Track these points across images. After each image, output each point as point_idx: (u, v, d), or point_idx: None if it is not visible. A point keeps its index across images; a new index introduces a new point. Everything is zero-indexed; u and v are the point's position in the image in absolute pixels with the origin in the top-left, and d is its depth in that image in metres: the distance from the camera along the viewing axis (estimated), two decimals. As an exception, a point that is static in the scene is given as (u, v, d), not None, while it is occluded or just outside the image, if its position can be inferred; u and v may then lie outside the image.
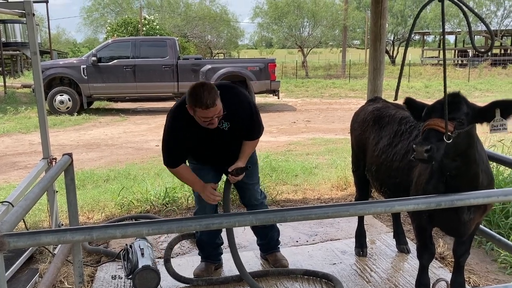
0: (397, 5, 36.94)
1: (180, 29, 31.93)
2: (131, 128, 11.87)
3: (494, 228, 4.01)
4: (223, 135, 3.10)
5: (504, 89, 20.04)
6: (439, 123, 2.30)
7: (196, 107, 2.79)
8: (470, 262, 3.61)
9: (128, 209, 5.00)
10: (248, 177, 3.41)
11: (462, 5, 2.33)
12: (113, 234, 1.98)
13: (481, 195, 2.28)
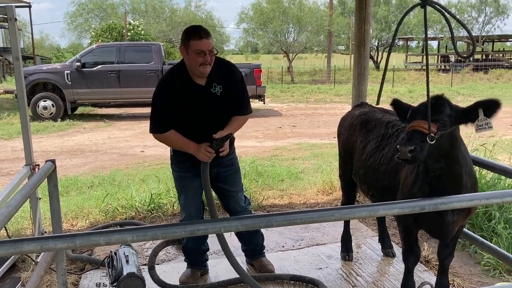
0: (381, 11, 37.39)
1: (166, 34, 31.86)
2: (115, 133, 11.77)
3: (477, 231, 4.07)
4: (215, 99, 3.08)
5: (486, 94, 20.37)
6: (422, 125, 2.34)
7: (191, 40, 2.86)
8: (454, 265, 3.65)
9: (113, 216, 4.95)
10: (231, 185, 3.42)
11: (444, 12, 2.37)
12: (97, 241, 1.95)
13: (464, 199, 2.30)
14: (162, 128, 3.07)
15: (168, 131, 3.06)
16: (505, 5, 34.99)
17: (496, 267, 3.61)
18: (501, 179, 4.47)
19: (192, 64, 2.96)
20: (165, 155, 8.87)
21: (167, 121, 3.05)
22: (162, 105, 3.05)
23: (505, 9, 35.09)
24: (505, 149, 7.48)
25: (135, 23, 28.61)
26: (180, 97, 3.02)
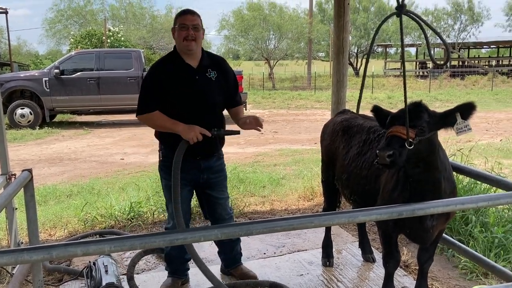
0: (360, 18, 37.91)
1: (146, 41, 31.67)
2: (95, 141, 11.63)
3: (454, 235, 4.14)
4: (211, 84, 3.12)
5: (463, 99, 20.64)
6: (401, 130, 2.38)
7: (177, 18, 3.02)
8: (433, 269, 3.70)
9: (92, 225, 4.88)
10: (219, 192, 3.40)
11: (419, 20, 2.42)
12: (74, 252, 1.92)
13: (441, 204, 2.34)
14: (148, 107, 3.02)
15: (154, 110, 3.02)
16: (479, 13, 35.88)
17: (473, 270, 3.68)
18: (477, 183, 4.56)
19: (178, 41, 3.03)
20: (145, 162, 8.84)
21: (153, 100, 3.02)
22: (150, 85, 3.05)
23: (480, 17, 35.99)
24: (481, 153, 7.63)
25: (115, 29, 28.39)
26: (172, 77, 3.03)
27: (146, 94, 3.05)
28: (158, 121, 3.06)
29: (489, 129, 12.49)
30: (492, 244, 3.90)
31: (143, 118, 3.08)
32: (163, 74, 3.04)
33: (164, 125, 3.05)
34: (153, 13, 36.62)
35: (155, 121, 3.07)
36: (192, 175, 3.23)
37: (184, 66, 3.07)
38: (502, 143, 9.85)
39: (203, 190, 3.36)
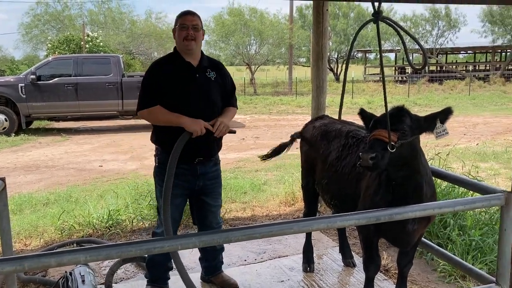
0: (340, 24, 38.33)
1: (125, 46, 31.37)
2: (73, 148, 11.44)
3: (433, 238, 4.18)
4: (211, 84, 3.15)
5: (441, 104, 21.13)
6: (383, 134, 2.42)
7: (178, 19, 3.07)
8: (412, 273, 3.72)
9: (69, 234, 4.78)
10: (213, 199, 3.36)
11: (396, 26, 2.45)
12: (47, 263, 1.88)
13: (418, 208, 2.36)
14: (150, 102, 3.01)
15: (155, 105, 3.00)
16: (456, 19, 36.65)
17: (452, 273, 3.72)
18: (455, 187, 4.62)
19: (178, 41, 3.08)
20: (124, 169, 8.73)
21: (154, 95, 3.01)
22: (151, 81, 3.05)
23: (456, 23, 36.75)
24: (459, 157, 7.75)
25: (94, 34, 28.05)
26: (173, 74, 3.05)
27: (147, 90, 3.05)
28: (160, 115, 3.02)
29: (467, 133, 12.71)
30: (469, 247, 3.95)
31: (144, 113, 3.05)
32: (163, 71, 3.06)
33: (167, 119, 3.01)
34: (133, 18, 36.36)
35: (157, 115, 3.03)
36: (188, 182, 3.19)
37: (185, 64, 3.10)
38: (478, 147, 10.03)
39: (198, 197, 3.31)
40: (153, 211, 5.09)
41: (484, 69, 39.63)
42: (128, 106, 13.85)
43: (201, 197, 3.31)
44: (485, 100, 22.74)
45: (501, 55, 41.38)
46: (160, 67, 3.11)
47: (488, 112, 18.08)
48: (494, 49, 37.40)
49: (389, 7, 38.83)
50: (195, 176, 3.20)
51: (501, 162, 8.23)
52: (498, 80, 30.62)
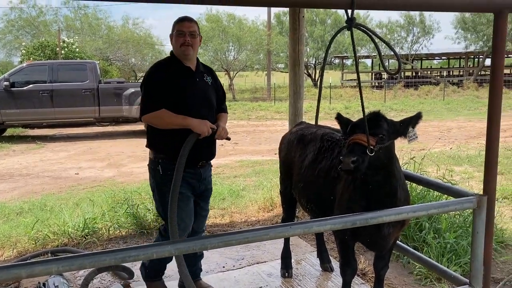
0: (317, 31, 38.72)
1: (102, 52, 30.97)
2: (48, 156, 11.22)
3: (409, 241, 4.23)
4: (209, 88, 3.24)
5: (417, 109, 21.45)
6: (362, 138, 2.46)
7: (175, 24, 3.09)
8: (389, 276, 3.76)
9: (44, 244, 4.67)
10: (206, 204, 3.45)
11: (369, 32, 2.48)
12: (18, 274, 1.83)
13: (393, 212, 2.40)
14: (155, 105, 2.99)
15: (161, 108, 3.00)
16: (430, 26, 37.42)
17: (427, 276, 3.77)
18: (430, 191, 4.70)
19: (175, 47, 3.12)
20: (101, 177, 8.61)
21: (159, 99, 3.01)
22: (153, 86, 3.04)
23: (431, 30, 37.53)
24: (434, 161, 7.89)
25: (70, 40, 27.62)
26: (174, 78, 3.07)
27: (150, 94, 3.04)
28: (166, 118, 3.01)
29: (441, 137, 12.96)
30: (444, 250, 4.02)
31: (150, 117, 3.03)
32: (165, 76, 3.07)
33: (174, 121, 3.01)
34: (109, 24, 35.99)
35: (163, 118, 3.02)
36: (193, 186, 3.24)
37: (184, 68, 3.15)
38: (452, 151, 10.23)
39: (196, 201, 3.32)
40: (130, 219, 5.02)
41: (458, 74, 40.51)
42: (104, 113, 13.69)
43: (198, 201, 3.34)
44: (459, 105, 23.25)
45: (474, 60, 42.40)
46: (160, 72, 3.11)
47: (462, 117, 18.48)
48: (467, 55, 38.31)
49: (365, 14, 39.47)
50: (199, 180, 3.26)
51: (475, 165, 8.41)
52: (472, 85, 31.35)
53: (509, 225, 5.01)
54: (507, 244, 4.52)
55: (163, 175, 3.14)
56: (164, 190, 3.12)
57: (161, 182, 3.17)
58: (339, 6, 2.16)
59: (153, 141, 3.20)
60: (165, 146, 3.12)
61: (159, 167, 3.15)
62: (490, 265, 2.76)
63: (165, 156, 3.14)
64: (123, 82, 15.37)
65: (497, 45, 2.51)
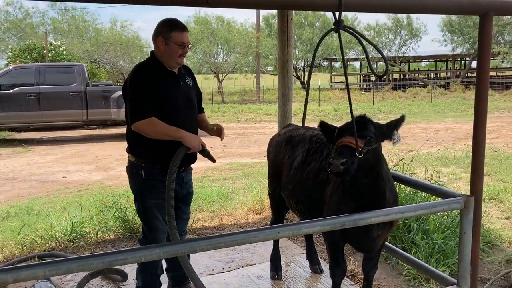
0: (306, 33, 38.85)
1: (90, 54, 30.74)
2: (35, 159, 11.10)
3: (398, 242, 4.26)
4: (190, 90, 3.22)
5: (404, 111, 21.68)
6: (350, 140, 2.48)
7: (173, 31, 2.96)
8: (378, 277, 3.78)
9: (31, 248, 4.62)
10: (187, 207, 3.47)
11: (357, 34, 2.50)
12: (3, 279, 1.81)
13: (381, 213, 2.41)
14: (146, 113, 2.91)
15: (152, 116, 2.92)
16: (417, 29, 37.75)
17: (416, 277, 3.79)
18: (418, 192, 4.73)
19: (171, 55, 3.02)
20: (89, 180, 8.54)
21: (150, 106, 2.92)
22: (143, 92, 2.94)
23: (418, 33, 37.86)
24: (422, 163, 7.96)
25: (57, 43, 27.36)
26: (160, 83, 3.00)
27: (140, 100, 2.94)
28: (158, 127, 2.93)
29: (429, 139, 13.07)
30: (433, 250, 4.06)
31: (141, 125, 2.93)
32: (151, 80, 2.98)
33: (166, 132, 2.95)
34: (97, 27, 35.76)
35: (155, 127, 2.93)
36: (177, 189, 3.17)
37: (168, 73, 3.09)
38: (440, 152, 10.33)
39: (177, 204, 3.25)
40: (118, 223, 4.98)
41: (445, 76, 40.97)
42: (92, 116, 13.59)
43: (179, 204, 3.33)
44: (446, 106, 23.48)
45: (460, 63, 42.88)
46: (147, 76, 3.00)
47: (449, 118, 18.67)
48: (454, 57, 38.71)
49: (353, 16, 39.76)
50: (181, 185, 3.26)
51: (462, 166, 8.49)
52: (458, 87, 31.69)
53: (496, 226, 5.06)
54: (494, 244, 4.56)
55: (146, 179, 3.09)
56: (147, 194, 3.10)
57: (143, 187, 3.12)
58: (327, 8, 2.18)
59: (136, 146, 3.11)
60: (148, 151, 3.05)
61: (142, 171, 3.09)
62: (478, 265, 2.78)
63: (148, 160, 3.09)
64: (111, 84, 15.29)
65: (483, 47, 2.54)
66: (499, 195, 6.33)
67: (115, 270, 3.64)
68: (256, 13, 33.11)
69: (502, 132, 14.20)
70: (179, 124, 3.02)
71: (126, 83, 3.05)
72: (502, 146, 11.09)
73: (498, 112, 20.78)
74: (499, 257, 4.29)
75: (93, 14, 62.90)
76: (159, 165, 3.05)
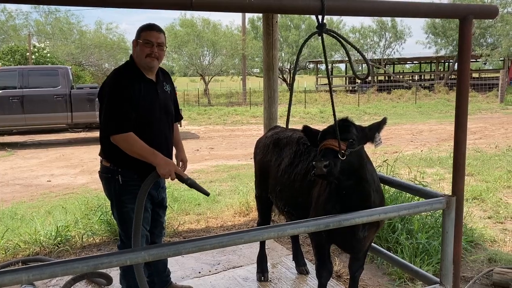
0: (291, 36, 39.01)
1: (75, 57, 30.48)
2: (19, 163, 10.96)
3: (383, 242, 4.30)
4: (168, 96, 3.18)
5: (389, 112, 21.92)
6: (333, 143, 2.51)
7: (142, 31, 2.94)
8: (364, 277, 3.81)
9: (14, 253, 4.56)
10: (164, 210, 3.48)
11: (339, 38, 2.53)
12: (-14, 284, 1.79)
13: (365, 214, 2.44)
14: (124, 127, 2.82)
15: (129, 131, 2.83)
16: (402, 31, 38.22)
17: (401, 276, 3.84)
18: (402, 193, 4.79)
19: (139, 56, 2.95)
20: (74, 184, 8.46)
21: (127, 119, 2.83)
22: (122, 102, 2.83)
23: (402, 35, 38.34)
24: (406, 163, 8.05)
25: (41, 45, 27.08)
26: (138, 92, 2.91)
27: (119, 110, 2.83)
28: (135, 146, 2.84)
29: (413, 140, 13.22)
30: (417, 250, 4.11)
31: (119, 139, 2.84)
32: (128, 88, 2.89)
33: (142, 153, 2.86)
34: (81, 29, 35.45)
35: (131, 145, 2.85)
36: (153, 195, 3.24)
37: (146, 80, 3.01)
38: (424, 153, 10.45)
39: (154, 209, 3.33)
40: (104, 226, 4.95)
41: (429, 78, 41.46)
42: (77, 119, 13.47)
43: (156, 209, 3.36)
44: (431, 108, 23.78)
45: (444, 65, 43.48)
46: (126, 85, 2.89)
47: (433, 120, 18.90)
48: (438, 59, 39.25)
49: (338, 19, 40.05)
50: (157, 189, 3.28)
51: (446, 167, 8.61)
52: (442, 89, 32.11)
53: (478, 225, 5.15)
54: (476, 243, 4.64)
55: (123, 185, 3.03)
56: (124, 199, 3.05)
57: (120, 192, 3.06)
58: (310, 12, 2.20)
59: (112, 152, 2.99)
60: (126, 159, 2.94)
61: (119, 176, 3.03)
62: (460, 264, 2.83)
63: (125, 167, 3.02)
64: (96, 87, 15.14)
65: (463, 49, 2.60)
66: (481, 195, 6.43)
67: (98, 274, 3.61)
68: (242, 16, 33.16)
69: (484, 133, 14.42)
70: (155, 134, 3.01)
71: (104, 88, 2.96)
72: (484, 146, 11.26)
73: (481, 113, 21.11)
74: (481, 256, 4.36)
75: (77, 17, 62.44)
76: (137, 173, 2.99)
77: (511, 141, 12.09)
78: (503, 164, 8.69)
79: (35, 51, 25.53)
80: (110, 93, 2.88)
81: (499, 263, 4.19)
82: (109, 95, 2.88)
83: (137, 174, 3.00)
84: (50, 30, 33.88)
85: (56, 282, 3.89)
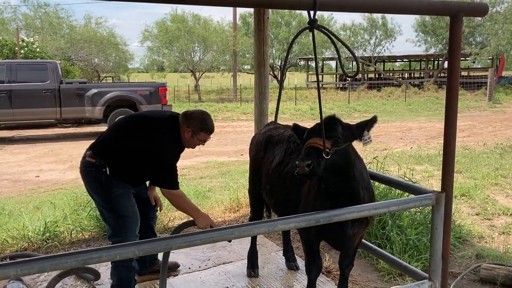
0: (282, 32, 38.97)
1: (64, 52, 30.17)
2: (7, 158, 10.84)
3: (373, 239, 4.33)
4: None
5: (379, 110, 22.04)
6: (318, 142, 2.49)
7: (203, 131, 3.31)
8: (353, 273, 3.84)
9: (2, 249, 4.51)
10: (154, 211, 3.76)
11: (330, 34, 2.54)
12: (-27, 279, 1.77)
13: (355, 210, 2.45)
14: (178, 183, 3.30)
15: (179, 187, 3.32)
16: (392, 29, 38.31)
17: (390, 272, 3.87)
18: (391, 189, 4.82)
19: (190, 144, 3.39)
20: (62, 179, 8.39)
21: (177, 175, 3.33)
22: (175, 163, 3.30)
23: (393, 33, 38.42)
24: (396, 160, 8.10)
25: (30, 39, 26.74)
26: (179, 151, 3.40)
27: (175, 172, 3.28)
28: (185, 202, 3.29)
29: (403, 137, 13.31)
30: (406, 246, 4.14)
31: (173, 193, 3.24)
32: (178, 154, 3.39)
33: (187, 208, 3.30)
34: (71, 24, 35.07)
35: (184, 201, 3.28)
36: None
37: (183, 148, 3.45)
38: (413, 150, 10.53)
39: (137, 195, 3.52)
40: (93, 222, 4.92)
41: (419, 76, 41.68)
42: (66, 114, 13.35)
43: (146, 208, 3.65)
44: (420, 106, 23.94)
45: (433, 63, 43.73)
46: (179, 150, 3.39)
47: (423, 117, 19.04)
48: (428, 57, 39.45)
49: (329, 16, 40.09)
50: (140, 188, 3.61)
51: (435, 164, 8.68)
52: (432, 87, 32.32)
53: (466, 221, 5.21)
54: (465, 239, 4.69)
55: (111, 175, 3.20)
56: (113, 185, 3.22)
57: (109, 182, 3.20)
58: (302, 7, 2.20)
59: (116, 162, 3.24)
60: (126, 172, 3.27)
61: (106, 168, 3.20)
62: (448, 259, 2.86)
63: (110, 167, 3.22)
64: (86, 82, 15.02)
65: (453, 47, 2.61)
66: (469, 192, 6.50)
67: (85, 269, 3.58)
68: (233, 11, 33.07)
69: (473, 130, 14.57)
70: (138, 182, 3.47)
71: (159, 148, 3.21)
72: (473, 144, 11.37)
73: (469, 111, 21.31)
74: (469, 252, 4.41)
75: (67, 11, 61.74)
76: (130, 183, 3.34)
77: (499, 139, 12.22)
78: (491, 161, 8.79)
79: (24, 45, 25.23)
80: (168, 154, 3.27)
81: (486, 259, 4.24)
82: (168, 157, 3.27)
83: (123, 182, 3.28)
84: (39, 24, 33.49)
85: (44, 277, 3.86)
